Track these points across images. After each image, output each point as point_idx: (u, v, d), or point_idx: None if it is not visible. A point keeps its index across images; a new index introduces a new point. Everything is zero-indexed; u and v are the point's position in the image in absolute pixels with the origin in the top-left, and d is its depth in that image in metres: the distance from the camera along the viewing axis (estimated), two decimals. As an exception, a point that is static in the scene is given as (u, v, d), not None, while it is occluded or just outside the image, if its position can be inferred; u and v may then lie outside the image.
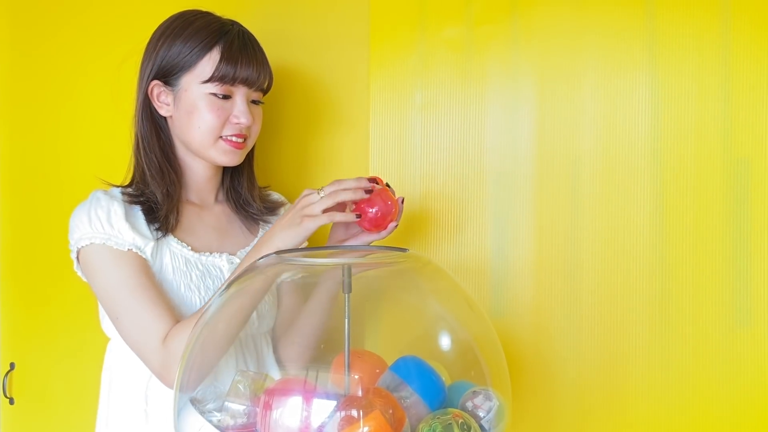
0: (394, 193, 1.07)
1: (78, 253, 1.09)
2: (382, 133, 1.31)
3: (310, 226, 0.99)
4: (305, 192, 1.03)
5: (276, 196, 1.29)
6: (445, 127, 1.29)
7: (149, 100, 1.14)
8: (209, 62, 1.09)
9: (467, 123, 1.27)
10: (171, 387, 1.01)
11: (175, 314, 1.05)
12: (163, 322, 1.03)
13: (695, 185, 1.18)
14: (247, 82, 1.11)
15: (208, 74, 1.09)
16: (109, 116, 1.33)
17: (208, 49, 1.09)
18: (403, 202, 1.09)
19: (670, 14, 1.18)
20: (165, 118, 1.14)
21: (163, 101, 1.13)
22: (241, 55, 1.11)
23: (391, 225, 1.06)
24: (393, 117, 1.30)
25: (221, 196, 1.22)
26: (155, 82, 1.12)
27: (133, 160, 1.16)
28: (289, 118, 1.39)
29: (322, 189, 1.01)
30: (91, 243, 1.06)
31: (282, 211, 1.26)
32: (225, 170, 1.22)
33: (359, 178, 1.03)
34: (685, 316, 1.18)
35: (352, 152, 1.35)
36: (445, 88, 1.28)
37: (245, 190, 1.21)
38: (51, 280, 1.50)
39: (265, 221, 1.23)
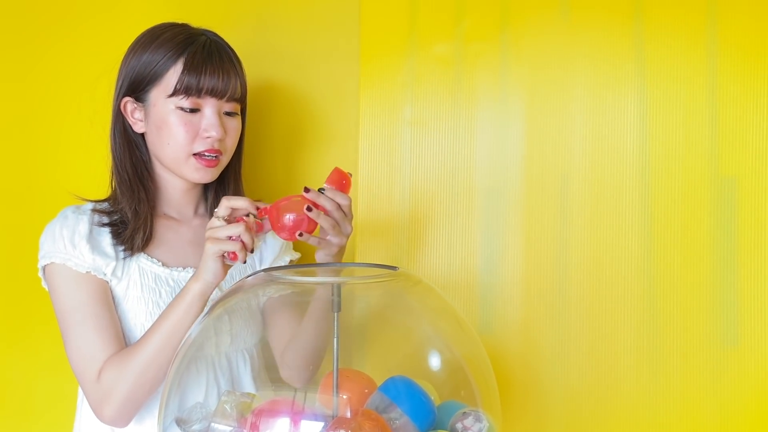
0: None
1: (43, 270, 1.09)
2: (371, 147, 1.30)
3: (211, 249, 0.96)
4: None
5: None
6: (435, 142, 1.28)
7: (122, 116, 1.12)
8: (174, 75, 1.06)
9: (456, 138, 1.27)
10: (106, 423, 1.03)
11: (122, 346, 1.04)
12: (104, 355, 1.02)
13: (683, 203, 1.18)
14: (213, 93, 1.07)
15: (172, 87, 1.06)
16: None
17: (173, 61, 1.07)
18: (309, 209, 1.00)
19: (659, 33, 1.19)
20: (141, 134, 1.13)
21: (137, 118, 1.11)
22: (205, 64, 1.07)
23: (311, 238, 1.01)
24: (382, 132, 1.30)
25: (202, 210, 1.20)
26: (127, 98, 1.11)
27: (111, 175, 1.15)
28: (278, 132, 1.38)
29: (216, 213, 0.98)
30: (52, 262, 1.06)
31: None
32: (209, 184, 1.20)
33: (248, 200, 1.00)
34: (672, 331, 1.18)
35: (342, 166, 1.34)
36: (435, 103, 1.28)
37: None
38: (32, 293, 1.47)
39: None
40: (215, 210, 0.99)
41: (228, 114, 1.11)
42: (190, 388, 0.95)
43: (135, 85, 1.10)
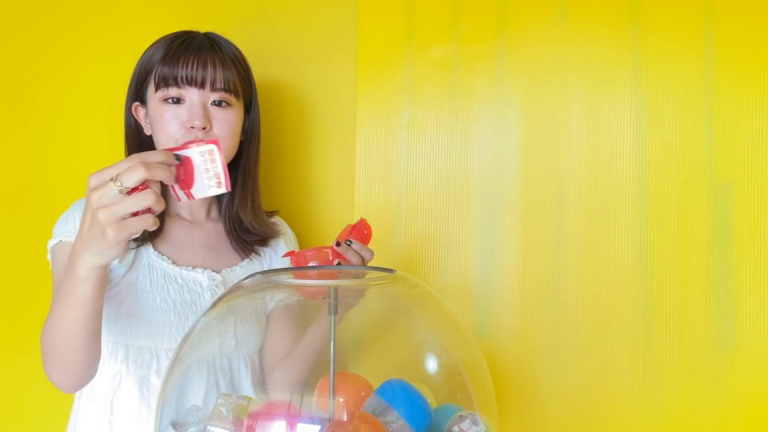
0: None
1: (51, 252, 1.09)
2: (368, 150, 1.30)
3: (119, 236, 0.77)
4: (93, 182, 0.78)
5: (275, 221, 1.25)
6: (432, 145, 1.28)
7: (134, 119, 1.15)
8: (156, 69, 1.08)
9: (454, 141, 1.27)
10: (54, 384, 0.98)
11: None
12: None
13: (679, 207, 1.19)
14: (191, 82, 1.06)
15: (154, 81, 1.08)
16: (103, 129, 1.32)
17: (158, 57, 1.09)
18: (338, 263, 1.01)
19: (655, 38, 1.19)
20: (151, 136, 1.13)
21: (147, 121, 1.13)
22: (181, 55, 1.07)
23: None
24: (380, 135, 1.30)
25: (215, 213, 1.21)
26: (136, 102, 1.13)
27: None
28: (275, 135, 1.38)
29: (118, 179, 0.76)
30: (60, 241, 1.07)
31: (273, 242, 1.22)
32: None
33: (164, 152, 0.82)
34: (669, 335, 1.18)
35: (338, 170, 1.34)
36: (432, 106, 1.28)
37: (236, 209, 1.18)
38: (29, 293, 1.47)
39: (255, 251, 1.20)
40: (116, 178, 0.77)
41: (217, 106, 1.09)
42: (189, 390, 0.95)
43: (137, 88, 1.13)
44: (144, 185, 0.77)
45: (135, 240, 1.09)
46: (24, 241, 1.48)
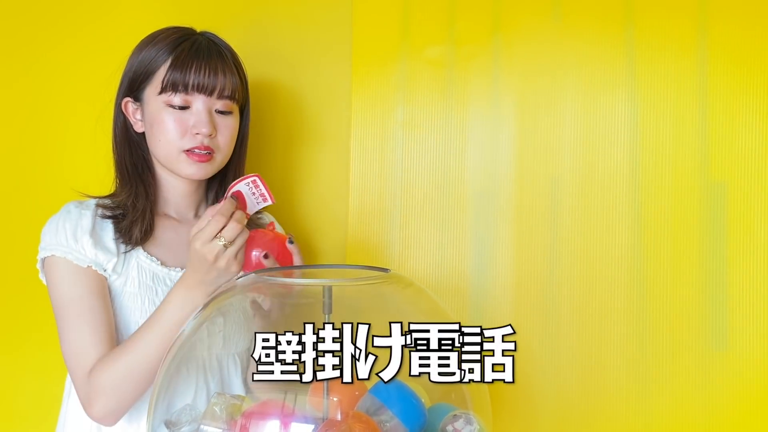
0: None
1: (43, 263, 1.08)
2: (363, 149, 1.30)
3: (239, 267, 0.98)
4: (198, 244, 0.96)
5: (260, 217, 1.25)
6: (426, 144, 1.28)
7: (123, 115, 1.13)
8: (163, 71, 1.07)
9: (448, 140, 1.28)
10: (95, 420, 1.02)
11: (113, 345, 1.04)
12: (96, 352, 1.02)
13: (673, 207, 1.19)
14: (200, 89, 1.07)
15: (161, 84, 1.07)
16: (91, 130, 1.31)
17: (164, 59, 1.08)
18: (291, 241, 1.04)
19: (650, 39, 1.20)
20: (142, 133, 1.13)
21: (138, 118, 1.12)
22: (191, 60, 1.07)
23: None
24: (374, 133, 1.30)
25: (202, 212, 1.20)
26: (127, 98, 1.12)
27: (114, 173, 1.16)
28: (270, 133, 1.38)
29: (221, 236, 0.96)
30: (53, 255, 1.06)
31: None
32: (210, 186, 1.20)
33: (230, 201, 0.99)
34: (662, 335, 1.19)
35: (333, 168, 1.34)
36: (427, 105, 1.28)
37: None
38: (19, 296, 1.46)
39: None
40: (220, 235, 0.96)
41: (221, 113, 1.10)
42: (179, 390, 0.95)
43: (132, 85, 1.11)
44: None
45: (124, 242, 1.08)
46: (12, 239, 1.47)
